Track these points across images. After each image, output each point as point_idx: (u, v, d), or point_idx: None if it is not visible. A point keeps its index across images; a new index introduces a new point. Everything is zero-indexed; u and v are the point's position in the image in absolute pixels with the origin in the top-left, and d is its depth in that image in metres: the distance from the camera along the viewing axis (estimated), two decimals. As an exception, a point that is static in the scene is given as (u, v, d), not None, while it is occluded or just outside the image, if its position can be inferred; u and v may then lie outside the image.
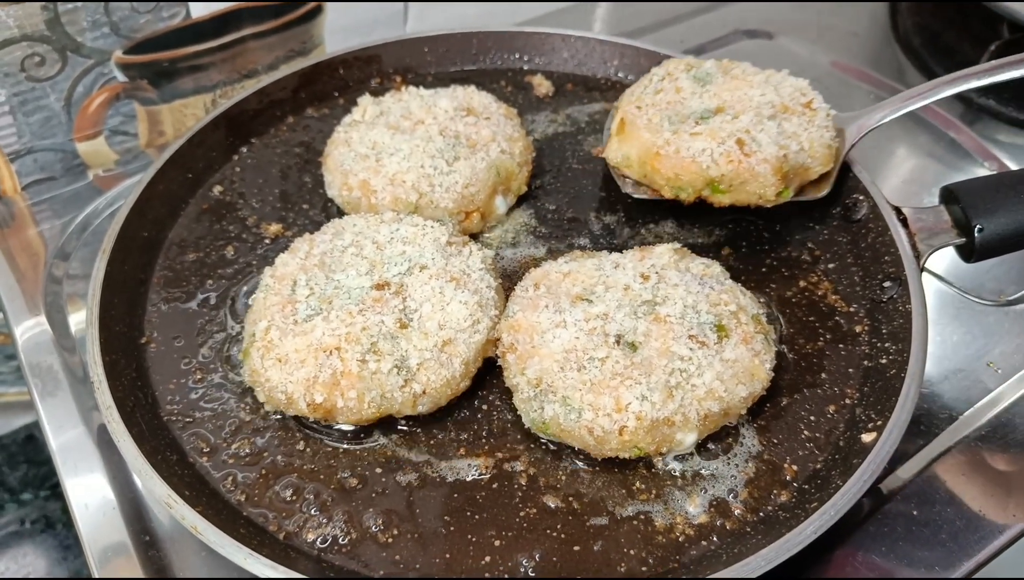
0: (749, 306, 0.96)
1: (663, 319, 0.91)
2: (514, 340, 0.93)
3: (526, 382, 0.91)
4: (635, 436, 0.86)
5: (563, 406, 0.88)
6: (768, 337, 0.95)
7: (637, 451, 0.87)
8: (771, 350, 0.94)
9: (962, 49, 1.56)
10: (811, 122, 1.08)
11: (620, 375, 0.87)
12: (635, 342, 0.90)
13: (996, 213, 1.03)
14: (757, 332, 0.93)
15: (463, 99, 1.21)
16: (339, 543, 0.85)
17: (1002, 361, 1.09)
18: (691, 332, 0.90)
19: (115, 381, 0.94)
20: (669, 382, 0.87)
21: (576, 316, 0.92)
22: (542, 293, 0.96)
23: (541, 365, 0.90)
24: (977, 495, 0.95)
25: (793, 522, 0.82)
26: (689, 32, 1.64)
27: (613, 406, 0.86)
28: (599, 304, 0.93)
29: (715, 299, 0.94)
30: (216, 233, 1.15)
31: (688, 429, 0.87)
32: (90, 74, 1.30)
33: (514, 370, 0.92)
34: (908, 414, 0.89)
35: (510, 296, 0.99)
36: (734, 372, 0.89)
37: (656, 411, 0.86)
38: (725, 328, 0.91)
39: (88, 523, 0.93)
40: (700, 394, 0.87)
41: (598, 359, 0.88)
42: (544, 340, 0.91)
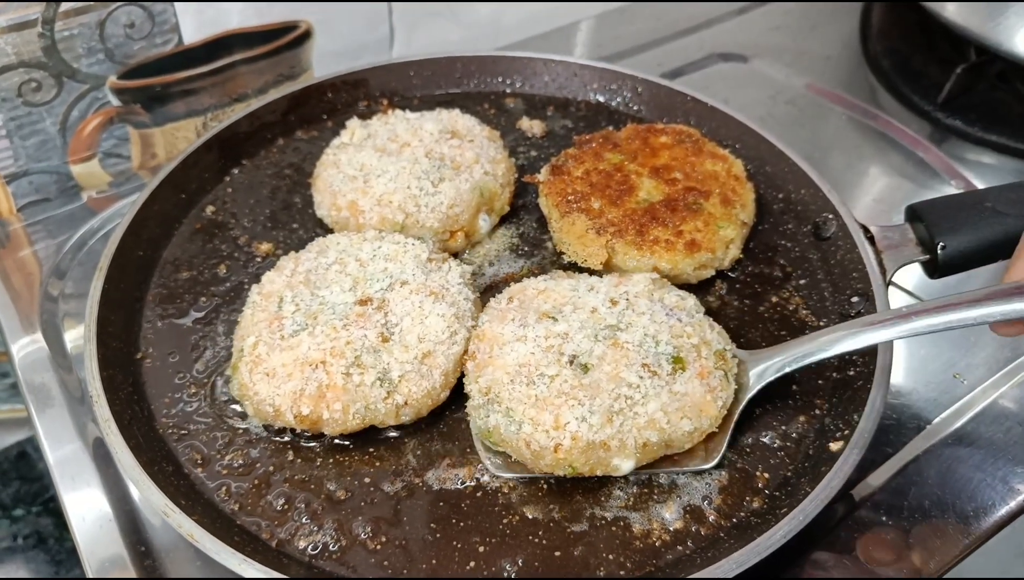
0: (715, 341, 0.95)
1: (620, 345, 0.91)
2: (476, 348, 0.95)
3: (477, 390, 0.92)
4: (569, 455, 0.87)
5: (505, 417, 0.89)
6: (729, 374, 0.93)
7: (571, 470, 0.88)
8: (729, 387, 0.93)
9: (929, 72, 1.59)
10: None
11: (565, 394, 0.88)
12: (588, 364, 0.90)
13: (958, 231, 1.05)
14: (717, 368, 0.92)
15: (448, 122, 1.23)
16: (329, 550, 0.87)
17: (968, 373, 1.11)
18: (645, 360, 0.90)
19: (112, 395, 0.95)
20: (612, 407, 0.87)
21: (538, 332, 0.93)
22: (513, 306, 0.97)
23: (493, 375, 0.91)
24: (944, 501, 0.97)
25: (764, 527, 0.84)
26: (667, 56, 1.67)
27: (552, 423, 0.87)
28: (562, 323, 0.94)
29: (678, 331, 0.93)
30: (209, 252, 1.18)
31: (625, 455, 0.88)
32: (85, 99, 1.32)
33: (471, 377, 0.95)
34: (874, 423, 0.91)
35: (485, 307, 1.01)
36: (680, 405, 0.89)
37: (593, 433, 0.86)
38: (682, 361, 0.91)
39: (85, 535, 0.95)
40: (641, 423, 0.87)
41: (548, 376, 0.89)
42: (502, 352, 0.92)
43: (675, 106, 1.37)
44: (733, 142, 1.30)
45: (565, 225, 1.13)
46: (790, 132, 1.49)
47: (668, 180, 1.15)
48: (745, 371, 0.96)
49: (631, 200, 1.13)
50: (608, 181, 1.15)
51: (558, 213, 1.14)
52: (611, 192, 1.14)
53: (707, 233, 1.09)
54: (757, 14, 1.80)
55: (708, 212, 1.11)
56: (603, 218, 1.11)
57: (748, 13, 1.81)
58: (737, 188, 1.15)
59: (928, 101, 1.54)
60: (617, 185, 1.15)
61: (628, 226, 1.09)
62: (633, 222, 1.10)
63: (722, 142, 1.27)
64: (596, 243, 1.09)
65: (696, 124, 1.32)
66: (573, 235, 1.11)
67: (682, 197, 1.13)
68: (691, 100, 1.35)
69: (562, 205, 1.13)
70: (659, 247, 1.08)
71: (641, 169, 1.17)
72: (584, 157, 1.20)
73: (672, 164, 1.18)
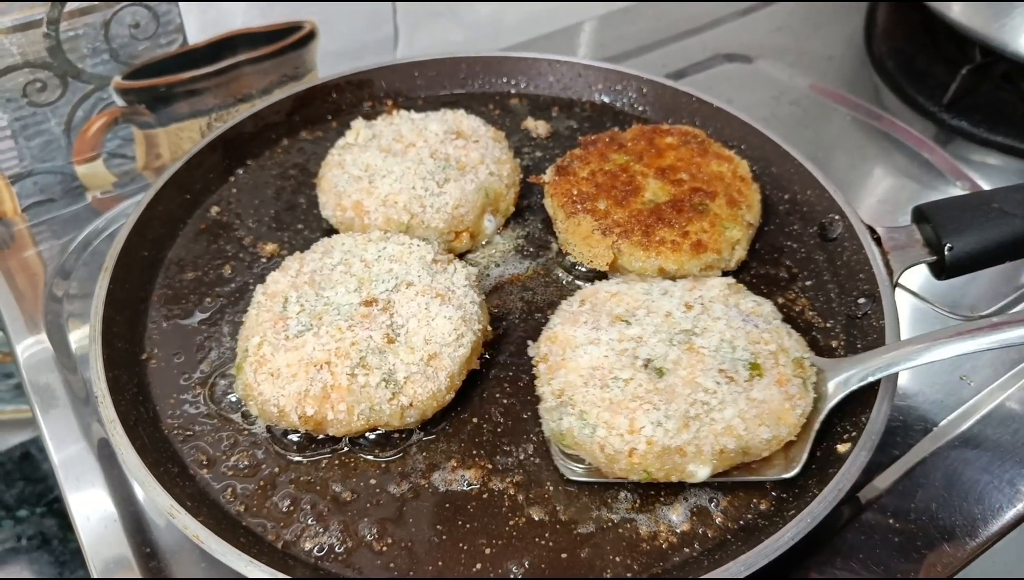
0: (792, 349, 0.93)
1: (696, 350, 0.90)
2: (548, 351, 0.94)
3: (550, 392, 0.91)
4: (644, 460, 0.86)
5: (579, 420, 0.88)
6: (807, 382, 0.91)
7: (646, 475, 0.87)
8: (808, 395, 0.90)
9: (934, 73, 1.59)
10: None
11: (640, 398, 0.87)
12: (663, 368, 0.89)
13: (965, 232, 1.05)
14: (796, 375, 0.91)
15: (453, 122, 1.23)
16: (335, 551, 0.87)
17: (974, 374, 1.11)
18: (722, 366, 0.89)
19: (118, 396, 0.95)
20: (688, 412, 0.86)
21: (611, 335, 0.92)
22: (586, 309, 0.97)
23: (566, 378, 0.91)
24: (951, 503, 0.97)
25: (771, 529, 0.84)
26: (671, 56, 1.67)
27: (627, 427, 0.86)
28: (636, 326, 0.93)
29: (755, 337, 0.93)
30: (214, 252, 1.18)
31: (701, 462, 0.86)
32: (89, 99, 1.32)
33: (543, 379, 0.94)
34: (881, 425, 0.91)
35: (556, 309, 1.01)
36: (759, 412, 0.87)
37: (669, 438, 0.85)
38: (760, 367, 0.90)
39: (90, 536, 0.95)
40: (718, 429, 0.86)
41: (622, 380, 0.88)
42: (575, 354, 0.92)
43: (680, 107, 1.37)
44: (738, 143, 1.30)
45: (571, 226, 1.12)
46: (794, 133, 1.49)
47: (674, 181, 1.15)
48: (824, 380, 0.93)
49: (637, 201, 1.13)
50: (614, 182, 1.15)
51: (563, 214, 1.14)
52: (617, 193, 1.14)
53: (713, 234, 1.09)
54: (761, 15, 1.80)
55: (714, 213, 1.11)
56: (609, 219, 1.11)
57: (752, 14, 1.81)
58: (743, 189, 1.15)
59: (933, 102, 1.54)
60: (623, 186, 1.15)
61: (634, 227, 1.09)
62: (639, 223, 1.10)
63: (727, 143, 1.27)
64: (602, 244, 1.09)
65: (701, 125, 1.32)
66: (579, 236, 1.11)
67: (688, 198, 1.13)
68: (696, 101, 1.35)
69: (567, 206, 1.13)
70: (665, 248, 1.07)
71: (647, 170, 1.17)
72: (589, 158, 1.20)
73: (678, 165, 1.18)
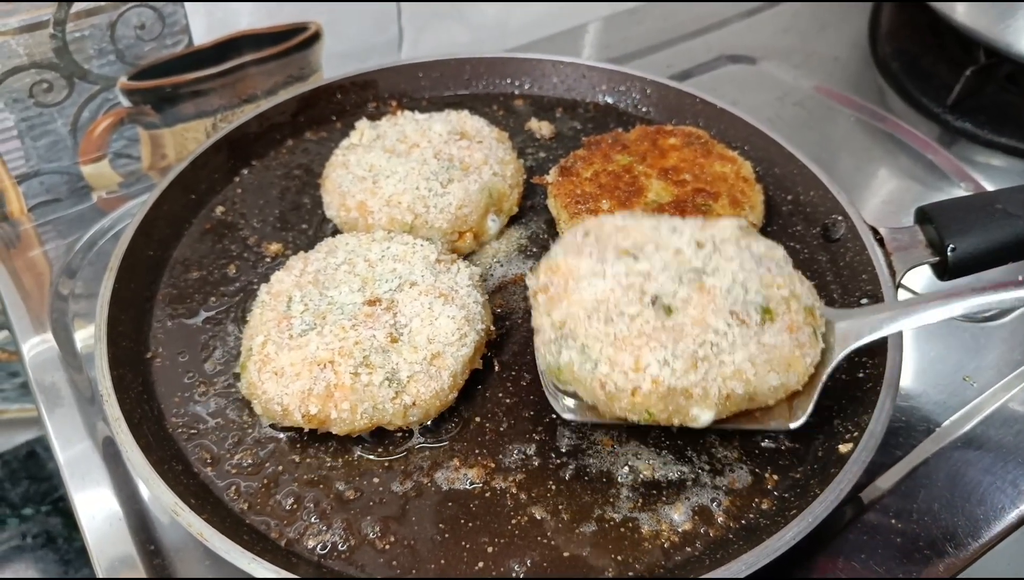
0: (805, 296, 0.89)
1: (707, 289, 0.84)
2: (548, 281, 0.88)
3: (550, 323, 0.87)
4: (647, 400, 0.82)
5: (580, 354, 0.84)
6: (817, 332, 0.88)
7: (648, 417, 0.84)
8: (817, 345, 0.88)
9: (939, 74, 1.59)
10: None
11: (647, 335, 0.82)
12: (671, 306, 0.84)
13: (968, 233, 1.05)
14: (807, 323, 0.87)
15: (456, 123, 1.24)
16: (338, 549, 0.87)
17: (978, 375, 1.11)
18: (733, 308, 0.84)
19: (123, 394, 0.96)
20: (697, 353, 0.82)
21: (618, 269, 0.86)
22: (590, 241, 0.90)
23: (568, 310, 0.85)
24: (954, 504, 0.97)
25: (773, 528, 0.84)
26: (675, 57, 1.67)
27: (631, 364, 0.82)
28: (644, 262, 0.87)
29: (768, 281, 0.87)
30: (218, 252, 1.18)
31: (706, 405, 0.83)
32: (96, 100, 1.33)
33: (541, 310, 0.88)
34: (883, 425, 0.91)
35: (557, 239, 0.94)
36: (769, 358, 0.84)
37: (675, 379, 0.81)
38: (772, 312, 0.85)
39: (95, 534, 0.95)
40: (727, 372, 0.82)
41: (628, 315, 0.83)
42: (578, 286, 0.86)
43: (684, 108, 1.37)
44: (742, 144, 1.30)
45: (574, 226, 1.12)
46: (799, 134, 1.49)
47: (677, 181, 1.16)
48: (832, 331, 0.91)
49: (640, 201, 1.13)
50: (617, 182, 1.15)
51: (567, 214, 1.14)
52: (620, 193, 1.14)
53: None
54: (766, 16, 1.81)
55: (717, 213, 1.11)
56: None
57: (757, 15, 1.81)
58: (746, 190, 1.15)
59: (937, 103, 1.54)
60: (626, 186, 1.15)
61: None
62: None
63: (731, 144, 1.27)
64: None
65: (705, 126, 1.33)
66: None
67: (691, 198, 1.13)
68: (700, 102, 1.35)
69: (571, 206, 1.14)
70: (668, 248, 1.07)
71: (650, 171, 1.17)
72: (593, 158, 1.20)
73: (681, 166, 1.18)
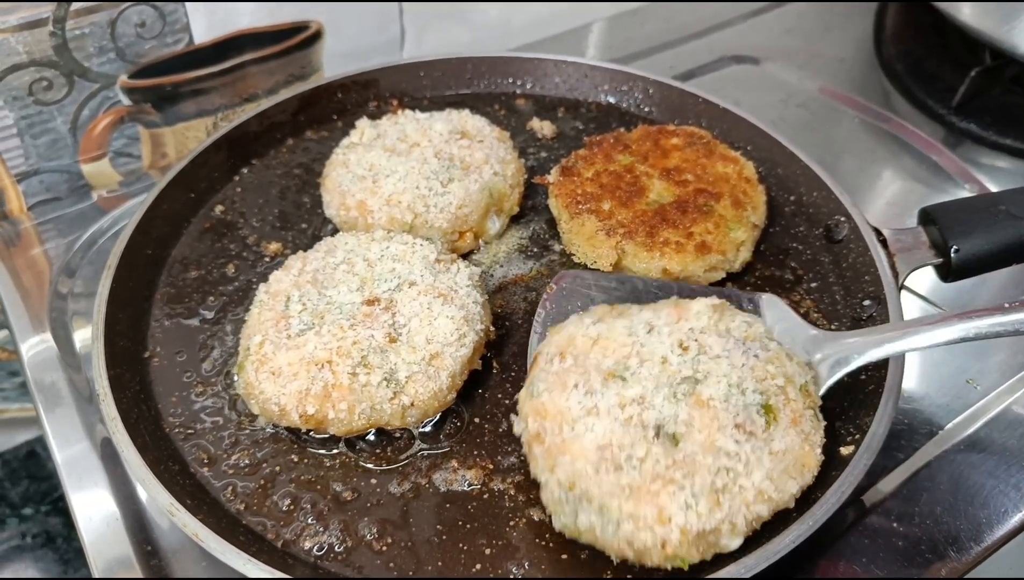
0: (796, 375, 0.86)
1: (706, 402, 0.81)
2: (541, 429, 0.83)
3: (556, 483, 0.82)
4: (679, 550, 0.78)
5: (600, 516, 0.79)
6: (816, 411, 0.86)
7: (681, 562, 0.79)
8: (820, 427, 0.85)
9: (944, 75, 1.58)
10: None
11: (661, 478, 0.77)
12: (676, 434, 0.80)
13: (971, 234, 1.05)
14: (807, 407, 0.85)
15: (457, 122, 1.23)
16: (335, 551, 0.87)
17: (981, 378, 1.10)
18: (737, 419, 0.80)
19: (120, 394, 0.96)
20: (715, 484, 0.78)
21: (610, 401, 0.82)
22: (569, 366, 0.85)
23: (574, 466, 0.80)
24: (956, 507, 0.96)
25: (773, 531, 0.83)
26: (678, 58, 1.67)
27: (655, 517, 0.77)
28: (634, 384, 0.83)
29: (761, 372, 0.84)
30: (217, 251, 1.18)
31: (735, 534, 0.80)
32: (96, 98, 1.33)
33: (542, 465, 0.83)
34: (885, 428, 0.90)
35: (532, 363, 0.91)
36: (785, 466, 0.80)
37: (702, 522, 0.77)
38: (773, 409, 0.82)
39: (92, 534, 0.95)
40: (749, 497, 0.78)
41: (637, 458, 0.78)
42: (575, 432, 0.81)
43: (686, 108, 1.36)
44: (745, 144, 1.29)
45: (575, 226, 1.12)
46: (802, 135, 1.49)
47: (679, 182, 1.15)
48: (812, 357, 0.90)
49: (641, 201, 1.13)
50: (618, 182, 1.15)
51: (568, 214, 1.13)
52: (621, 193, 1.13)
53: (718, 235, 1.09)
54: (770, 16, 1.80)
55: (719, 214, 1.11)
56: (613, 219, 1.10)
57: (761, 15, 1.80)
58: (748, 190, 1.15)
59: (942, 104, 1.53)
60: (627, 186, 1.14)
61: (638, 228, 1.09)
62: (643, 224, 1.09)
63: (734, 144, 1.27)
64: (606, 244, 1.09)
65: (707, 126, 1.32)
66: (583, 236, 1.11)
67: (693, 199, 1.12)
68: (703, 102, 1.34)
69: (572, 206, 1.13)
70: (669, 249, 1.07)
71: (652, 171, 1.17)
72: (594, 158, 1.19)
73: (683, 166, 1.17)
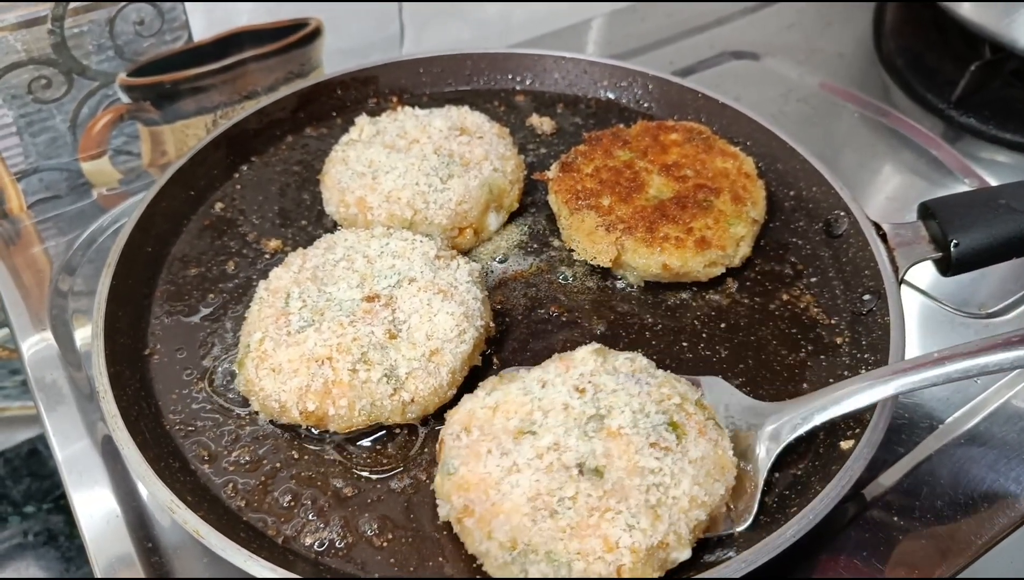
0: (688, 393, 0.90)
1: (616, 432, 0.83)
2: (467, 501, 0.82)
3: (498, 547, 0.80)
4: (635, 571, 0.78)
5: (549, 563, 0.78)
6: (716, 420, 0.89)
7: None
8: (724, 434, 0.88)
9: (943, 70, 1.58)
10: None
11: (597, 509, 0.78)
12: (599, 467, 0.81)
13: (971, 228, 1.05)
14: (707, 418, 0.88)
15: (457, 119, 1.23)
16: (336, 547, 0.87)
17: (981, 372, 1.11)
18: (650, 440, 0.82)
19: (120, 391, 0.96)
20: (649, 501, 0.79)
21: (527, 454, 0.82)
22: (477, 437, 0.85)
23: (510, 523, 0.79)
24: (957, 501, 0.97)
25: (773, 526, 0.84)
26: (678, 54, 1.67)
27: (602, 547, 0.77)
28: (545, 434, 0.83)
29: (657, 395, 0.87)
30: (217, 248, 1.18)
31: (682, 546, 0.80)
32: (95, 96, 1.33)
33: (478, 536, 0.82)
34: (885, 422, 0.90)
35: (440, 447, 0.89)
36: (706, 471, 0.83)
37: (648, 538, 0.78)
38: (679, 425, 0.85)
39: (93, 532, 0.95)
40: (684, 504, 0.80)
41: (568, 498, 0.79)
42: (502, 493, 0.80)
43: (686, 103, 1.36)
44: (744, 139, 1.29)
45: (574, 222, 1.12)
46: (802, 130, 1.48)
47: (678, 177, 1.15)
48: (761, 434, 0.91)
49: (641, 197, 1.13)
50: (618, 178, 1.15)
51: (567, 210, 1.13)
52: (621, 189, 1.13)
53: (717, 230, 1.09)
54: (770, 12, 1.80)
55: (719, 209, 1.11)
56: (613, 215, 1.10)
57: (760, 11, 1.80)
58: (748, 185, 1.15)
59: (942, 99, 1.53)
60: (627, 182, 1.14)
61: (638, 223, 1.09)
62: (643, 219, 1.09)
63: (733, 140, 1.27)
64: (606, 240, 1.09)
65: (707, 121, 1.32)
66: (582, 232, 1.11)
67: (692, 194, 1.12)
68: (702, 97, 1.34)
69: (572, 202, 1.13)
70: (669, 244, 1.07)
71: (651, 166, 1.17)
72: (594, 154, 1.19)
73: (682, 161, 1.17)
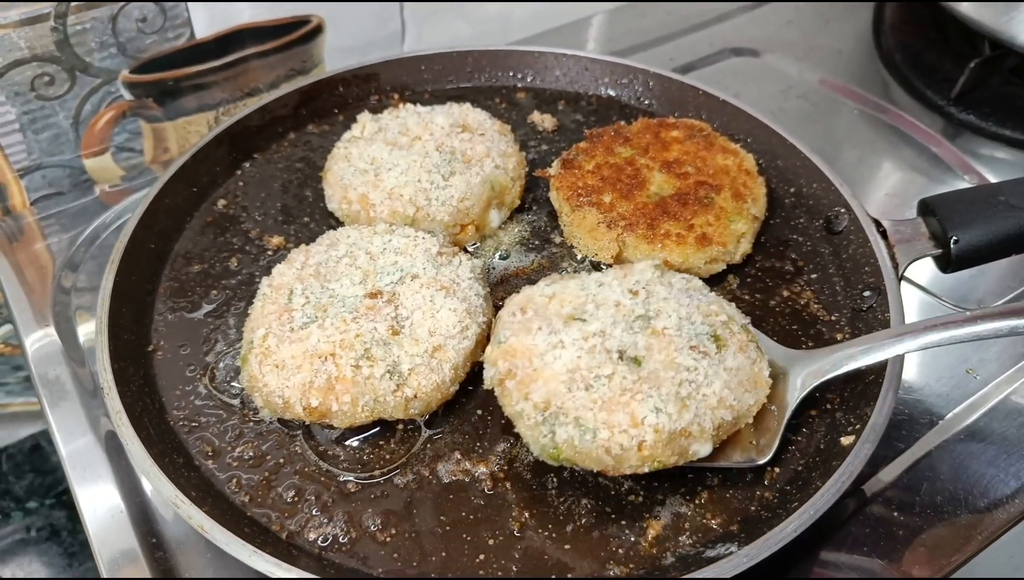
0: (737, 317, 0.95)
1: (661, 332, 0.89)
2: (511, 366, 0.89)
3: (532, 407, 0.87)
4: (654, 450, 0.84)
5: (576, 427, 0.85)
6: (759, 346, 0.94)
7: (658, 464, 0.85)
8: (764, 358, 0.93)
9: (943, 67, 1.58)
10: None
11: (630, 390, 0.85)
12: (638, 356, 0.88)
13: (971, 225, 1.05)
14: (750, 341, 0.93)
15: (458, 116, 1.23)
16: (339, 542, 0.88)
17: (981, 368, 1.11)
18: (691, 343, 0.88)
19: (124, 387, 0.96)
20: (680, 393, 0.85)
21: (573, 335, 0.89)
22: (531, 316, 0.93)
23: (547, 387, 0.86)
24: (957, 497, 0.97)
25: (775, 521, 0.84)
26: (679, 50, 1.67)
27: (629, 422, 0.83)
28: (593, 322, 0.90)
29: (705, 310, 0.93)
30: (220, 245, 1.18)
31: (704, 439, 0.86)
32: (98, 93, 1.33)
33: (515, 396, 0.89)
34: (885, 418, 0.91)
35: (495, 322, 0.97)
36: (739, 380, 0.88)
37: (673, 423, 0.84)
38: (720, 338, 0.90)
39: (97, 527, 0.95)
40: (712, 403, 0.86)
41: (604, 376, 0.85)
42: (545, 362, 0.88)
43: (687, 100, 1.36)
44: (745, 136, 1.29)
45: (576, 219, 1.13)
46: (802, 127, 1.49)
47: (679, 174, 1.15)
48: (791, 372, 0.95)
49: (642, 194, 1.13)
50: (619, 175, 1.15)
51: (569, 207, 1.14)
52: (622, 186, 1.14)
53: (718, 227, 1.09)
54: (770, 9, 1.80)
55: (719, 206, 1.11)
56: (614, 212, 1.11)
57: (761, 8, 1.81)
58: (748, 182, 1.15)
59: (941, 96, 1.54)
60: (628, 179, 1.15)
61: (639, 220, 1.09)
62: (644, 216, 1.10)
63: (734, 136, 1.27)
64: (607, 237, 1.09)
65: (708, 118, 1.32)
66: (584, 229, 1.11)
67: (693, 191, 1.13)
68: (703, 94, 1.35)
69: (573, 199, 1.13)
70: (670, 241, 1.08)
71: (652, 163, 1.17)
72: (595, 151, 1.20)
73: (683, 158, 1.18)
